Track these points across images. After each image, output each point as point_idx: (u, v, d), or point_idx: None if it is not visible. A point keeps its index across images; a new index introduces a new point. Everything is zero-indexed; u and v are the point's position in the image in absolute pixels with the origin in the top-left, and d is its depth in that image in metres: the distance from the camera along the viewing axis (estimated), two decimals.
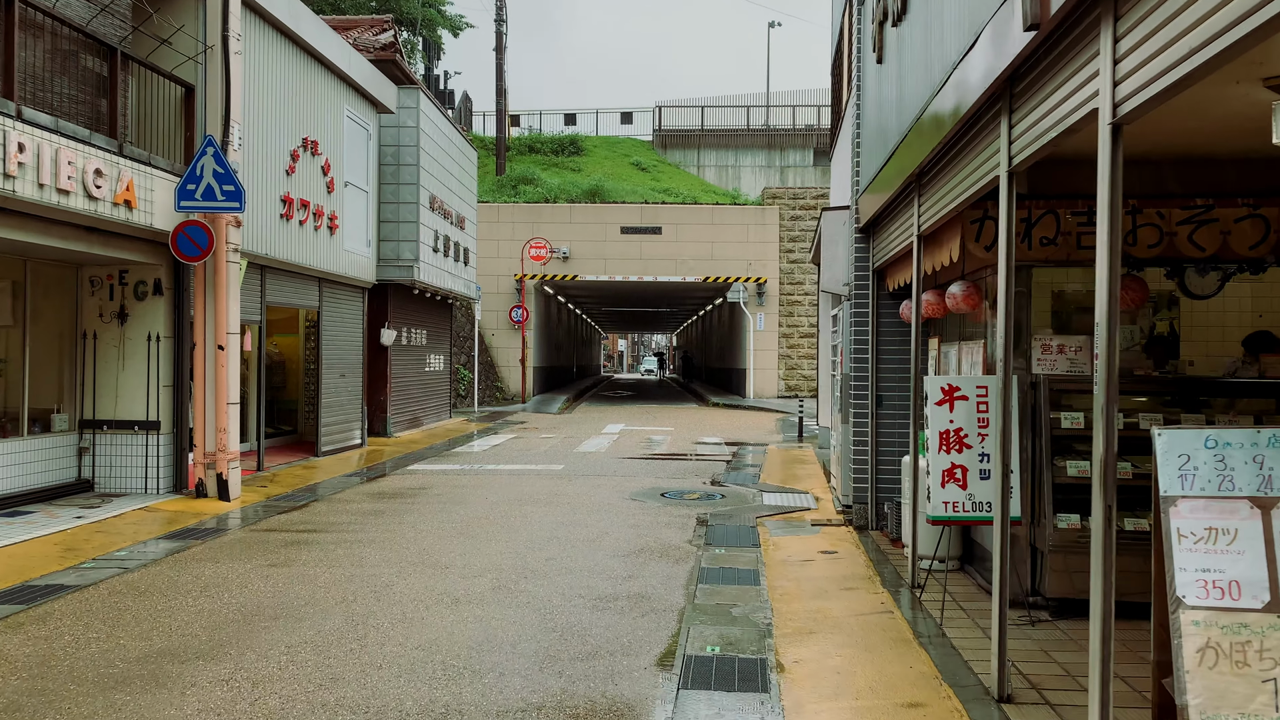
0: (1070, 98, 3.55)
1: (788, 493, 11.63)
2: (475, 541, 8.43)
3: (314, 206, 13.92)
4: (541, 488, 11.83)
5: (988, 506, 5.97)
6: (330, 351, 15.17)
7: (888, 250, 8.21)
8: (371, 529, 9.02)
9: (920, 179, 6.59)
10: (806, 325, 31.37)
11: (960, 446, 6.03)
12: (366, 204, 16.43)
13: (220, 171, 10.13)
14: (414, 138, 18.05)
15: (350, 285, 15.83)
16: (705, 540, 8.64)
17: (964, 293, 6.49)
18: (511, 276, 30.40)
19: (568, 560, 7.71)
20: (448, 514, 9.85)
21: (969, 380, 6.09)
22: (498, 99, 34.76)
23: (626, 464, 14.42)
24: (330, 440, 15.16)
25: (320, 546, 8.18)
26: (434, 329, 21.76)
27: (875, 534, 8.85)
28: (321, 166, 14.25)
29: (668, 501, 10.91)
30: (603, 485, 12.11)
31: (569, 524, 9.36)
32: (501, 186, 33.53)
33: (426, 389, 21.15)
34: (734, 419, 24.11)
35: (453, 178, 20.93)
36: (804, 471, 13.79)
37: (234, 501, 10.50)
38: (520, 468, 13.85)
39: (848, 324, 9.80)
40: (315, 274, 14.31)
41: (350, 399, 15.97)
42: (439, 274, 19.68)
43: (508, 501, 10.73)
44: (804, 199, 31.66)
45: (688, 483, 12.48)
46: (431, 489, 11.68)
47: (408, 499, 10.89)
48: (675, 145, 41.24)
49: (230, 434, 10.64)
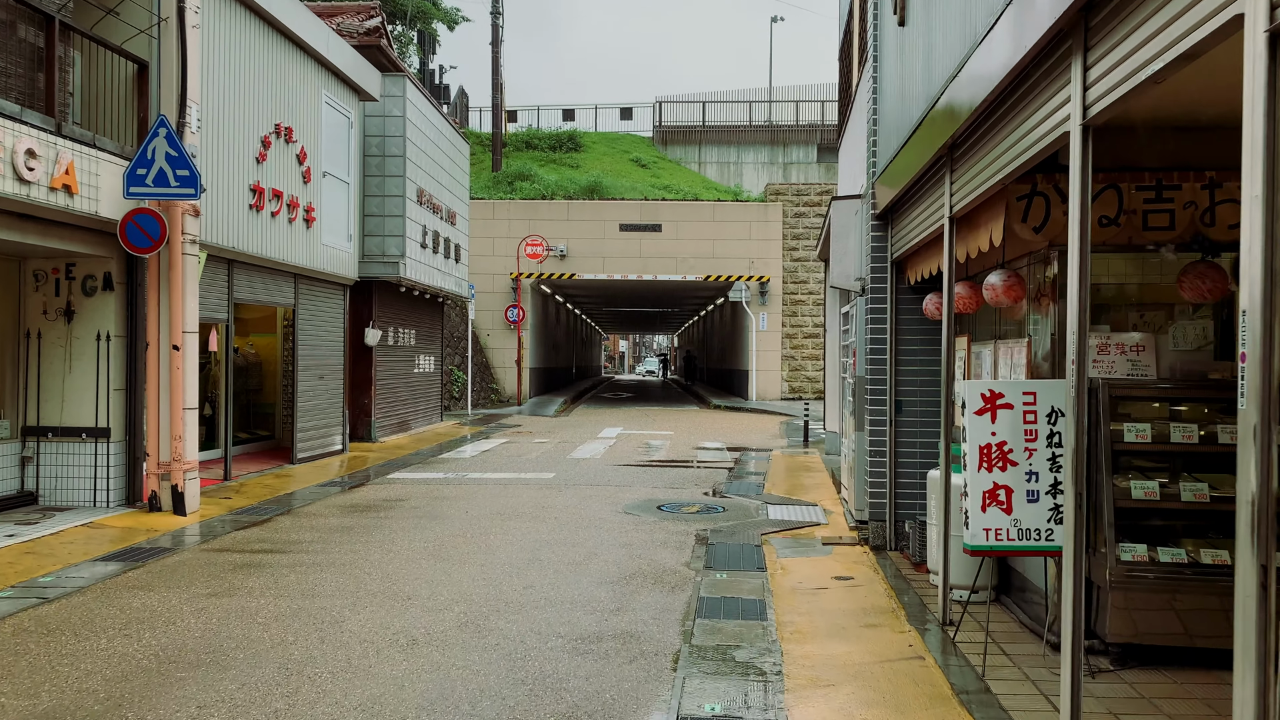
0: (1197, 4, 2.64)
1: (795, 505, 10.72)
2: (447, 565, 7.53)
3: (288, 197, 13.03)
4: (528, 499, 10.93)
5: (1037, 535, 5.07)
6: (307, 352, 14.27)
7: (909, 238, 7.31)
8: (334, 549, 8.12)
9: (953, 151, 5.69)
10: (811, 325, 30.46)
11: (1004, 463, 5.13)
12: (348, 196, 15.54)
13: (174, 155, 9.24)
14: (400, 127, 17.16)
15: (329, 282, 14.93)
16: (705, 563, 7.73)
17: (1005, 283, 5.58)
18: (507, 275, 29.51)
19: (549, 589, 6.81)
20: (421, 531, 8.95)
21: (1013, 385, 5.19)
22: (493, 93, 33.87)
23: (622, 472, 13.51)
24: (307, 447, 14.27)
25: (272, 571, 7.28)
26: (424, 329, 20.86)
27: (894, 555, 7.94)
28: (297, 155, 13.35)
29: (664, 516, 10.01)
30: (595, 496, 11.20)
31: (554, 543, 8.45)
32: (497, 183, 32.65)
33: (415, 391, 20.25)
34: (736, 422, 23.21)
35: (443, 171, 20.04)
36: (811, 480, 12.88)
37: (190, 516, 9.60)
38: (508, 476, 12.95)
39: (862, 322, 8.90)
40: (290, 269, 13.42)
41: (330, 402, 15.08)
42: (428, 271, 18.79)
43: (490, 516, 9.83)
44: (808, 195, 30.76)
45: (687, 493, 11.57)
46: (409, 501, 10.78)
47: (381, 513, 9.99)
48: (676, 141, 40.34)
49: (187, 442, 9.74)
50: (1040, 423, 5.12)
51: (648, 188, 33.22)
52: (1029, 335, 5.82)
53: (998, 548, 5.11)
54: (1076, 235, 3.55)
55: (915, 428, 8.06)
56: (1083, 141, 3.55)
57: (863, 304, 8.99)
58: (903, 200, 7.46)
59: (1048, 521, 5.08)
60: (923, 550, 7.34)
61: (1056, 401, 5.09)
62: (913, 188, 6.99)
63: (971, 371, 6.85)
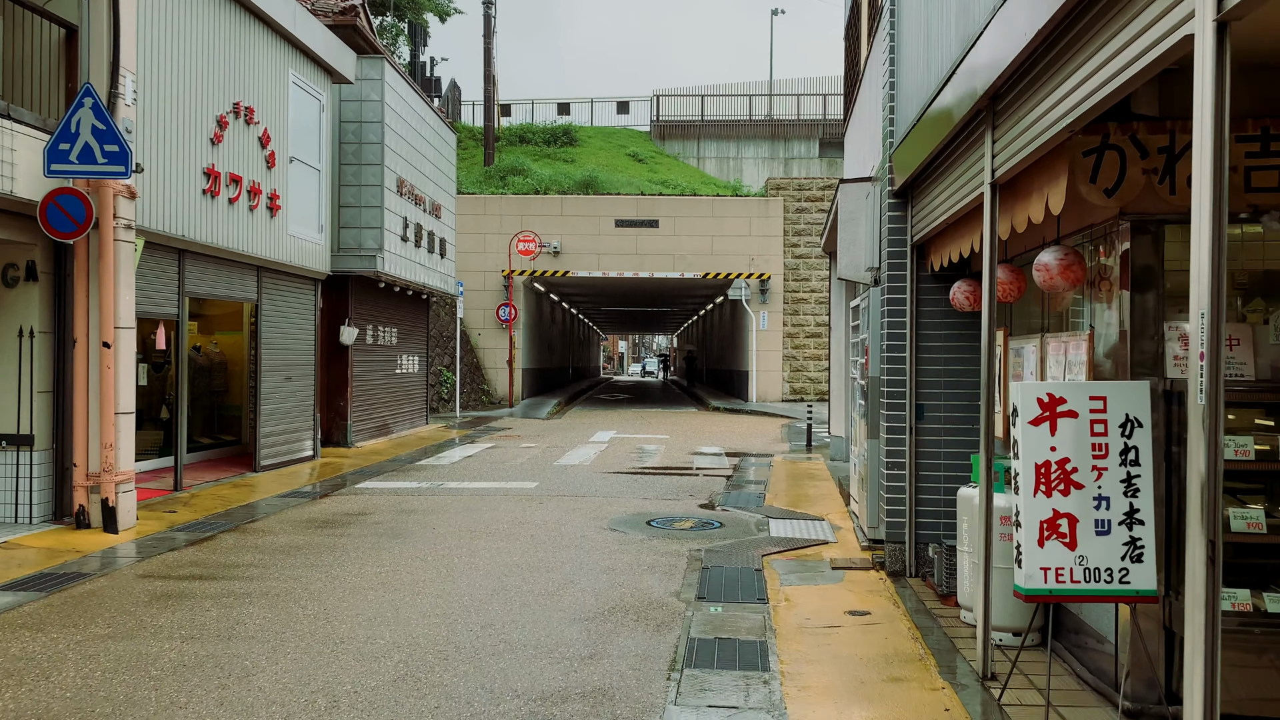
0: None
1: (799, 519, 9.69)
2: (397, 596, 6.50)
3: (249, 183, 12.00)
4: (505, 513, 9.90)
5: (1108, 576, 4.05)
6: (272, 351, 13.24)
7: (933, 216, 6.29)
8: (274, 574, 7.09)
9: (996, 103, 4.66)
10: (813, 324, 29.44)
11: (1066, 485, 4.10)
12: (319, 184, 14.51)
13: (102, 128, 8.22)
14: (378, 112, 16.13)
15: (298, 275, 13.90)
16: (698, 591, 6.70)
17: (1062, 263, 4.55)
18: (499, 272, 28.48)
19: (512, 628, 5.78)
20: (378, 553, 7.92)
21: (1078, 388, 4.16)
22: (485, 85, 32.84)
23: (611, 481, 12.48)
24: (272, 453, 13.23)
25: (192, 604, 6.25)
26: (407, 327, 19.83)
27: (915, 583, 6.91)
28: (259, 138, 12.33)
29: (654, 532, 8.98)
30: (579, 509, 10.17)
31: (526, 567, 7.42)
32: (489, 178, 31.61)
33: (398, 393, 19.22)
34: (735, 425, 22.17)
35: (426, 161, 19.02)
36: (816, 490, 11.85)
37: (123, 534, 8.57)
38: (486, 486, 11.91)
39: (876, 315, 7.87)
40: (251, 261, 12.38)
41: (299, 405, 14.04)
42: (410, 266, 17.76)
43: (458, 533, 8.79)
44: (810, 190, 29.75)
45: (680, 505, 10.54)
46: (372, 515, 9.74)
47: (338, 529, 8.96)
48: (674, 136, 39.28)
49: (120, 450, 8.72)
50: (1112, 435, 4.10)
51: (645, 183, 32.19)
52: (1089, 326, 4.79)
53: (1059, 592, 4.08)
54: (1209, 177, 2.53)
55: (939, 436, 7.03)
56: (1217, 45, 2.52)
57: (877, 295, 7.97)
58: (926, 172, 6.43)
59: (1122, 559, 4.05)
60: (950, 580, 6.31)
61: (1133, 408, 4.07)
62: (939, 155, 5.96)
63: (1010, 371, 5.82)
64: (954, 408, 7.01)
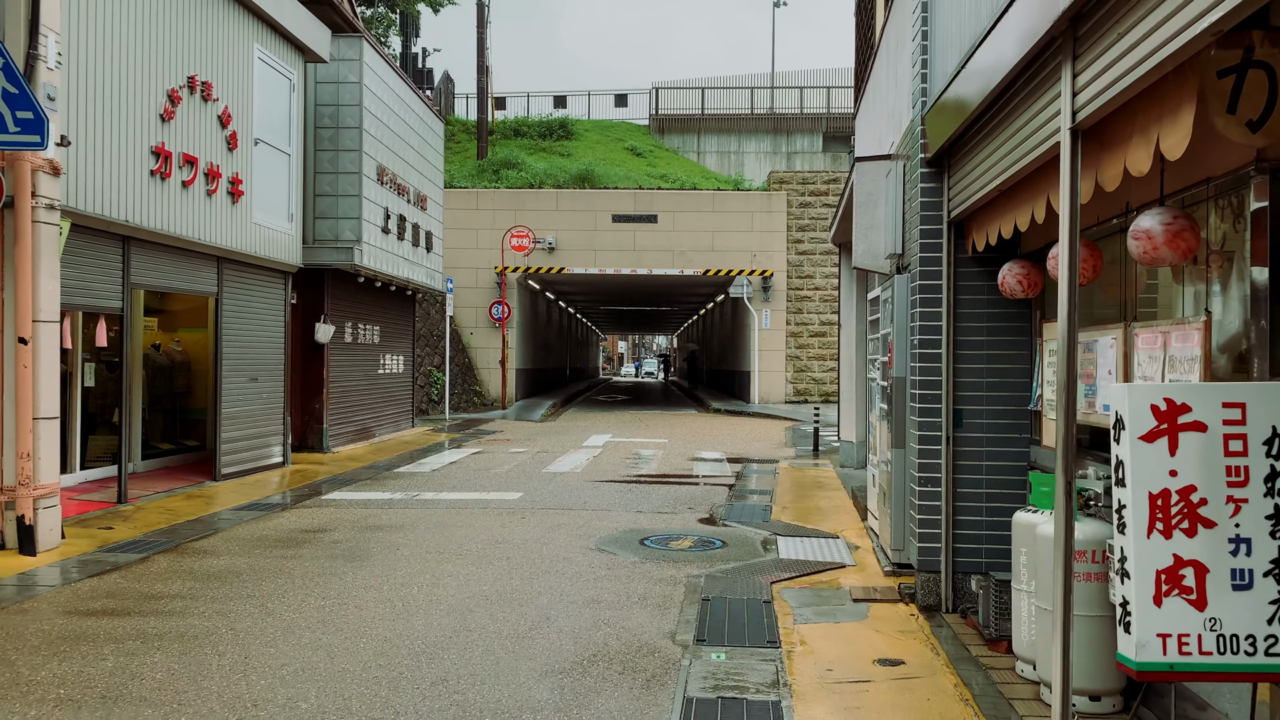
0: None
1: (811, 537, 8.64)
2: (337, 640, 5.45)
3: (206, 164, 10.95)
4: (481, 530, 8.85)
5: (1250, 646, 3.00)
6: (236, 349, 12.19)
7: (978, 185, 5.24)
8: (199, 609, 6.04)
9: (1078, 25, 3.61)
10: (817, 323, 28.38)
11: (1192, 523, 3.05)
12: (289, 169, 13.45)
13: (14, 93, 7.17)
14: (356, 95, 15.08)
15: (265, 268, 12.85)
16: (696, 632, 5.65)
17: (1171, 229, 3.49)
18: (491, 269, 27.41)
19: (468, 685, 4.72)
20: (328, 581, 6.87)
21: (1207, 393, 3.11)
22: (478, 76, 31.79)
23: (603, 491, 11.43)
24: (235, 460, 12.17)
25: (90, 649, 5.20)
26: (391, 325, 18.78)
27: (953, 620, 5.86)
28: (218, 116, 11.28)
29: (648, 554, 7.93)
30: (565, 525, 9.12)
31: (497, 599, 6.37)
32: (482, 171, 30.56)
33: (381, 394, 18.17)
34: (737, 428, 21.12)
35: (410, 149, 17.96)
36: (827, 502, 10.80)
37: (44, 555, 7.53)
38: (466, 497, 10.86)
39: (903, 306, 6.84)
40: (210, 251, 11.33)
41: (266, 408, 12.99)
42: (392, 260, 16.71)
43: (424, 556, 7.74)
44: (814, 184, 28.67)
45: (678, 520, 9.49)
46: (333, 532, 8.70)
47: (290, 550, 7.91)
48: (673, 130, 38.26)
49: (42, 460, 7.68)
50: (1254, 455, 3.05)
51: (643, 177, 31.15)
52: (1205, 312, 3.73)
53: (1184, 667, 3.03)
54: None
55: (981, 447, 5.98)
56: None
57: (903, 284, 6.93)
58: (969, 133, 5.38)
59: (1270, 622, 3.01)
60: (1000, 621, 5.25)
61: None
62: (988, 110, 4.91)
63: (1078, 370, 4.77)
64: (999, 413, 5.97)
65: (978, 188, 5.26)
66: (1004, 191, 4.97)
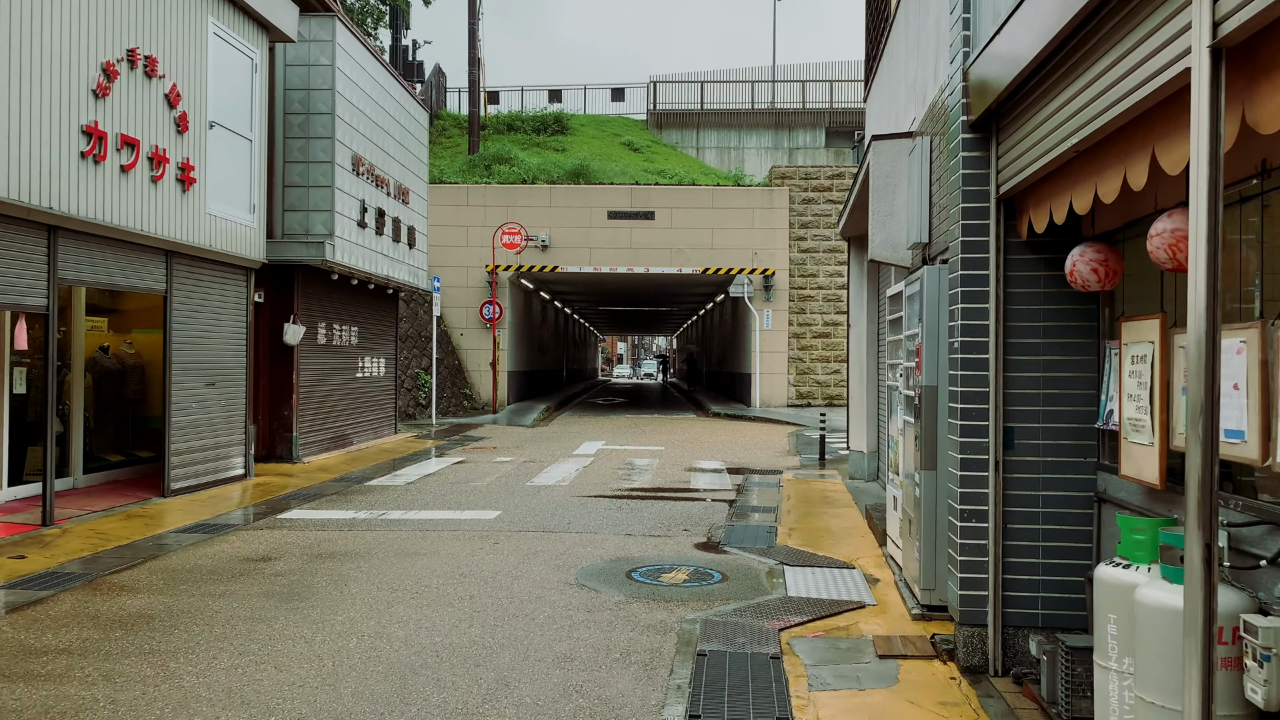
0: None
1: (823, 568, 7.56)
2: (237, 716, 4.36)
3: (149, 147, 9.88)
4: (446, 559, 7.77)
5: None
6: (188, 351, 11.11)
7: (1041, 151, 4.17)
8: (81, 672, 4.96)
9: None
10: (821, 323, 27.29)
11: None
12: (251, 156, 12.37)
13: None
14: (328, 78, 14.00)
15: (222, 263, 11.77)
16: (690, 703, 4.57)
17: None
18: (482, 268, 26.32)
19: None
20: (252, 628, 5.79)
21: None
22: (470, 68, 30.69)
23: (590, 509, 10.35)
24: (189, 473, 11.09)
25: None
26: (371, 326, 17.71)
27: (1004, 687, 4.78)
28: (165, 95, 10.21)
29: (635, 590, 6.85)
30: (542, 553, 8.04)
31: (449, 656, 5.29)
32: (473, 167, 29.48)
33: (359, 400, 17.09)
34: (738, 434, 20.04)
35: (390, 139, 16.89)
36: (838, 522, 9.73)
37: None
38: (436, 516, 9.79)
39: (936, 302, 5.78)
40: (156, 243, 10.26)
41: (225, 416, 11.91)
42: (369, 256, 15.63)
43: (375, 594, 6.66)
44: (817, 179, 27.58)
45: (671, 546, 8.41)
46: (277, 562, 7.62)
47: (221, 586, 6.83)
48: (672, 125, 37.19)
49: None
50: None
51: (640, 172, 30.07)
52: None
53: None
54: None
55: (1038, 474, 4.91)
56: None
57: (937, 277, 5.87)
58: (1034, 80, 4.29)
59: None
60: (1075, 699, 4.15)
61: None
62: (1069, 40, 3.84)
63: (1173, 379, 3.70)
64: (1058, 433, 4.89)
65: (1041, 152, 4.18)
66: (1081, 153, 3.90)
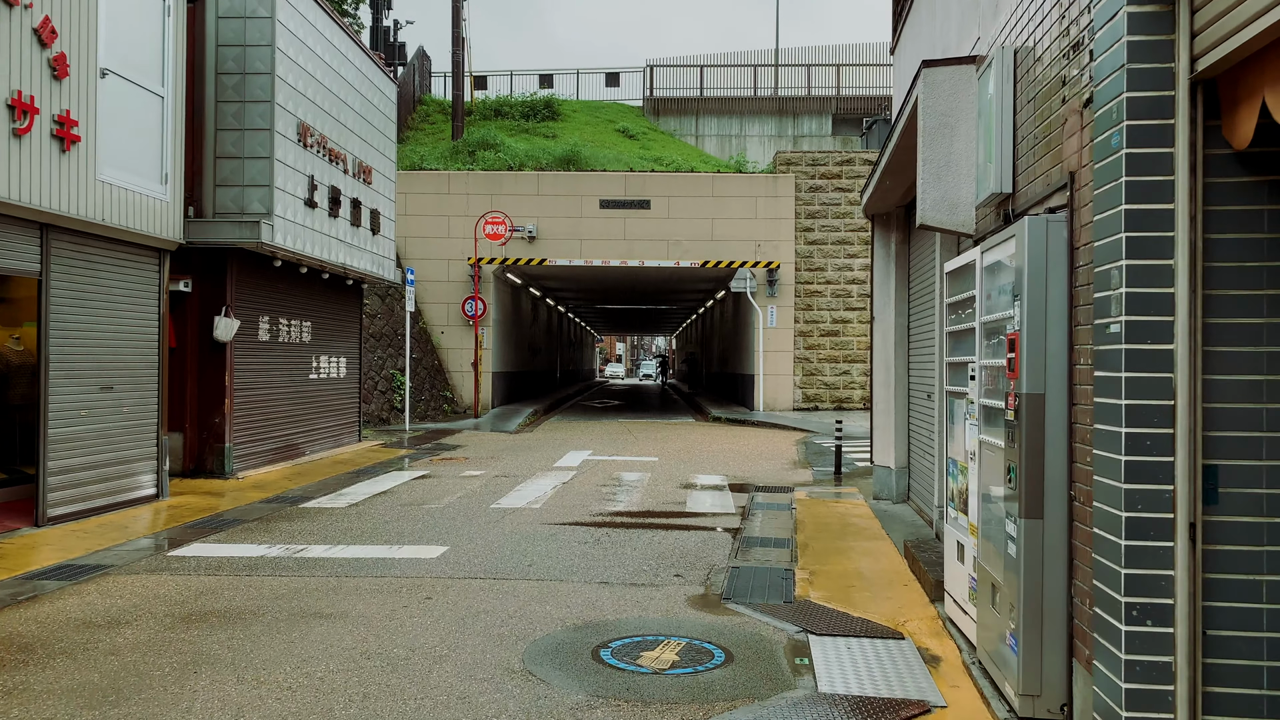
0: None
1: (861, 636, 5.57)
2: None
3: (7, 94, 7.91)
4: (352, 629, 5.77)
5: None
6: (74, 347, 9.13)
7: None
8: None
9: None
10: (830, 320, 25.29)
11: None
12: (163, 116, 10.37)
13: None
14: (267, 33, 12.01)
15: (121, 241, 9.78)
16: None
17: None
18: (464, 261, 24.32)
19: None
20: None
21: None
22: (454, 48, 28.69)
23: (560, 542, 8.36)
24: (72, 496, 9.09)
25: None
26: (328, 321, 15.71)
27: None
28: (34, 30, 8.23)
29: (602, 684, 4.84)
30: (484, 615, 6.04)
31: None
32: (456, 153, 27.49)
33: (313, 404, 15.09)
34: (741, 441, 18.04)
35: (349, 109, 14.90)
36: (869, 561, 7.73)
37: None
38: (365, 554, 7.79)
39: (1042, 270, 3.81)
40: (23, 214, 8.27)
41: (128, 425, 9.92)
42: (321, 240, 13.65)
43: (227, 690, 4.66)
44: (825, 165, 25.59)
45: (659, 601, 6.41)
46: (117, 633, 5.62)
47: (16, 677, 4.84)
48: (670, 112, 35.20)
49: None
50: None
51: (635, 160, 28.08)
52: None
53: None
54: None
55: (1263, 544, 2.92)
56: None
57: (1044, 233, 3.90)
58: None
59: None
60: None
61: None
62: None
63: None
64: None
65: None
66: None
